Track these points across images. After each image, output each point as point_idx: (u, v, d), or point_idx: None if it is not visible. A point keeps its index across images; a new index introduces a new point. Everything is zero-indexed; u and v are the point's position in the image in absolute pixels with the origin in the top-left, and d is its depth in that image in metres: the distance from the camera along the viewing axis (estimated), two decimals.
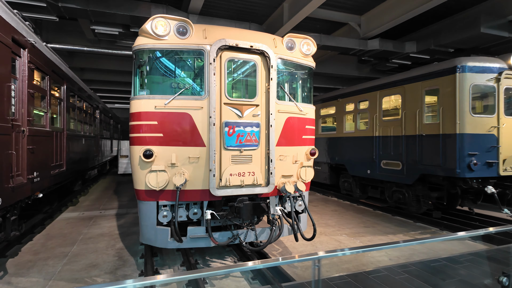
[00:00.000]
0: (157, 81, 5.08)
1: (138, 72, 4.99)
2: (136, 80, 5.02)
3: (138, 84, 5.00)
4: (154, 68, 5.04)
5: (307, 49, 5.69)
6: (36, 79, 5.62)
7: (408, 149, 8.27)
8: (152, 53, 4.94)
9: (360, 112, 10.34)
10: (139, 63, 4.98)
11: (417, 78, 8.09)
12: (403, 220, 9.25)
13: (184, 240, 4.94)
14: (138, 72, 4.99)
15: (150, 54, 4.94)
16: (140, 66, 4.97)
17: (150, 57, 4.96)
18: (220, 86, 4.94)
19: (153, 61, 4.99)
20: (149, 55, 4.95)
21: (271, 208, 5.43)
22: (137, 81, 5.01)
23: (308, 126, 5.83)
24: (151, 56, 4.96)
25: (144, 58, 4.95)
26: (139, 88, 5.00)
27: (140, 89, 5.00)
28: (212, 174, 4.80)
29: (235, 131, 5.00)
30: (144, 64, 4.97)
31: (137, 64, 4.99)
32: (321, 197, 13.08)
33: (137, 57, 4.99)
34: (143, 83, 5.00)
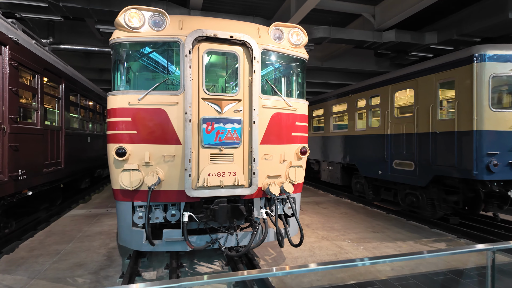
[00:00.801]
0: (133, 76, 4.86)
1: (114, 66, 4.79)
2: (113, 75, 4.83)
3: (115, 79, 4.81)
4: (129, 62, 4.83)
5: (297, 39, 5.24)
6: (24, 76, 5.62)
7: (421, 148, 7.54)
8: (126, 47, 4.72)
9: (371, 109, 9.66)
10: (115, 57, 4.78)
11: (431, 70, 7.34)
12: (417, 225, 8.50)
13: (159, 243, 4.69)
14: (115, 66, 4.79)
15: (124, 48, 4.73)
16: (116, 61, 4.77)
17: (125, 51, 4.75)
18: (198, 80, 4.63)
19: (128, 55, 4.78)
20: (124, 49, 4.74)
21: (255, 210, 5.06)
22: (114, 76, 4.82)
23: (298, 123, 5.38)
24: (126, 50, 4.75)
25: (119, 52, 4.75)
26: (115, 83, 4.81)
27: (117, 84, 4.80)
28: (188, 174, 4.51)
29: (214, 128, 4.67)
30: (120, 58, 4.77)
31: (114, 58, 4.80)
32: (334, 198, 12.46)
33: (113, 51, 4.80)
34: (120, 78, 4.80)
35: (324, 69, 16.13)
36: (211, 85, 5.25)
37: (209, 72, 5.06)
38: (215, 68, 5.20)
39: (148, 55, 4.82)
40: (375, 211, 10.23)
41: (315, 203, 11.59)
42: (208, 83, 5.07)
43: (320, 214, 9.77)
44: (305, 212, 10.02)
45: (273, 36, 5.09)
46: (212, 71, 5.20)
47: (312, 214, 9.76)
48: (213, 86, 5.26)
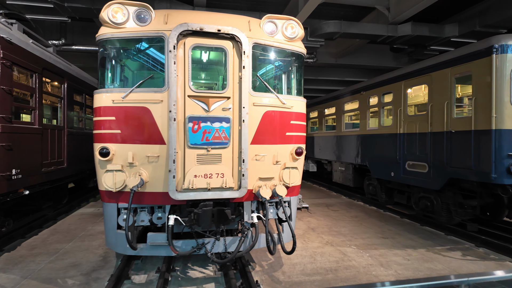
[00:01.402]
0: (118, 73, 4.71)
1: (100, 64, 4.66)
2: (99, 72, 4.69)
3: (100, 76, 4.67)
4: (114, 59, 4.67)
5: (292, 32, 4.90)
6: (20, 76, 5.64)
7: (436, 148, 6.97)
8: (111, 43, 4.57)
9: (384, 106, 9.10)
10: (101, 54, 4.65)
11: (446, 63, 6.76)
12: (432, 231, 7.90)
13: (143, 247, 4.52)
14: (100, 64, 4.66)
15: (109, 44, 4.58)
16: (102, 58, 4.63)
17: (110, 47, 4.60)
18: (184, 76, 4.41)
19: (113, 51, 4.62)
20: (109, 46, 4.59)
21: (246, 215, 4.78)
22: (99, 74, 4.69)
23: (294, 122, 5.04)
24: (111, 46, 4.59)
25: (104, 49, 4.61)
26: (100, 81, 4.67)
27: (102, 82, 4.66)
28: (172, 176, 4.29)
29: (201, 127, 4.43)
30: (105, 55, 4.63)
31: (99, 55, 4.67)
32: (346, 200, 11.94)
33: (99, 48, 4.66)
34: (105, 76, 4.66)
35: (338, 65, 15.55)
36: (198, 82, 5.01)
37: (196, 68, 4.82)
38: (203, 64, 4.95)
39: (133, 52, 4.65)
40: (388, 215, 9.67)
41: (325, 205, 11.14)
42: (195, 80, 4.83)
43: (328, 217, 9.34)
44: (313, 215, 9.62)
45: (266, 30, 4.78)
46: (200, 67, 4.96)
47: (320, 217, 9.35)
48: (201, 83, 5.01)
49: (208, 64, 4.99)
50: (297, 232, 7.85)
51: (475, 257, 6.22)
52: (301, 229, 8.12)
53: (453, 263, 5.93)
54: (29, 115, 6.21)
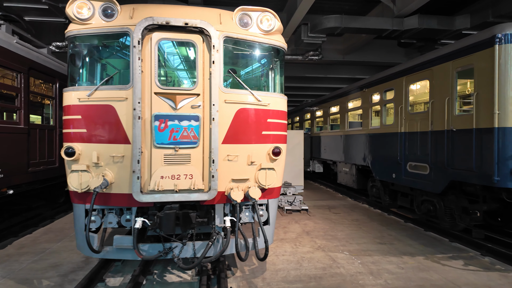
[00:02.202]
0: (85, 71, 4.58)
1: (68, 61, 4.55)
2: (68, 70, 4.58)
3: (68, 74, 4.56)
4: (81, 56, 4.54)
5: (268, 24, 4.61)
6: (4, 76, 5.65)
7: (437, 148, 6.47)
8: (78, 40, 4.45)
9: (385, 104, 8.60)
10: (69, 51, 4.54)
11: (447, 56, 6.24)
12: (436, 237, 7.36)
13: (109, 250, 4.36)
14: (69, 61, 4.54)
15: (76, 41, 4.46)
16: (70, 55, 4.52)
17: (77, 44, 4.48)
18: (150, 72, 4.22)
19: (80, 48, 4.50)
20: (76, 42, 4.47)
21: (217, 218, 4.53)
22: (68, 72, 4.58)
23: (271, 120, 4.75)
24: (78, 43, 4.47)
25: (72, 46, 4.49)
26: (69, 79, 4.56)
27: (71, 80, 4.55)
28: (136, 176, 4.11)
29: (168, 125, 4.23)
30: (73, 53, 4.51)
31: (68, 53, 4.55)
32: (351, 203, 11.44)
33: (68, 45, 4.55)
34: (73, 74, 4.55)
35: (346, 62, 15.03)
36: (167, 79, 4.81)
37: (164, 64, 4.62)
38: (172, 59, 4.75)
39: (101, 48, 4.50)
40: (392, 218, 9.15)
41: (328, 207, 10.73)
42: (163, 76, 4.63)
43: (327, 220, 8.95)
44: (312, 218, 9.25)
45: (239, 22, 4.52)
46: (169, 63, 4.76)
47: (318, 220, 8.97)
48: (169, 80, 4.81)
49: (177, 59, 4.79)
50: (289, 235, 7.53)
51: (478, 267, 5.69)
52: (295, 232, 7.79)
53: (451, 273, 5.44)
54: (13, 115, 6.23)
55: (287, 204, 10.16)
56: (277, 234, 7.62)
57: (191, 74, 4.58)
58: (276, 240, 7.18)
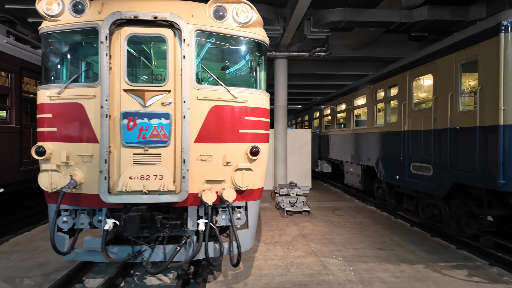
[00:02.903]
0: (57, 69, 4.49)
1: (42, 59, 4.49)
2: (42, 68, 4.52)
3: (42, 72, 4.49)
4: (53, 54, 4.46)
5: (245, 16, 4.35)
6: None
7: (440, 148, 5.97)
8: (50, 37, 4.37)
9: (390, 101, 8.10)
10: (42, 49, 4.47)
11: (451, 48, 5.72)
12: (442, 243, 6.83)
13: (79, 251, 4.26)
14: (42, 59, 4.48)
15: (48, 39, 4.38)
16: (43, 53, 4.45)
17: (49, 41, 4.40)
18: (120, 69, 4.07)
19: (52, 46, 4.41)
20: (48, 40, 4.39)
21: (190, 221, 4.32)
22: (43, 69, 4.51)
23: (249, 118, 4.49)
24: (49, 40, 4.39)
25: (44, 43, 4.42)
26: (42, 77, 4.49)
27: (45, 78, 4.48)
28: (103, 177, 3.97)
29: (137, 124, 4.06)
30: (45, 50, 4.44)
31: (42, 50, 4.49)
32: (358, 205, 10.94)
33: (42, 43, 4.49)
34: (45, 71, 4.47)
35: (356, 58, 14.44)
36: (137, 75, 4.65)
37: (135, 59, 4.46)
38: (143, 55, 4.59)
39: (72, 45, 4.40)
40: (398, 222, 8.63)
41: (332, 209, 10.31)
42: (133, 73, 4.47)
43: (328, 223, 8.56)
44: (313, 220, 8.90)
45: (213, 15, 4.29)
46: (139, 59, 4.60)
47: (319, 222, 8.61)
48: (140, 76, 4.65)
49: (148, 55, 4.62)
50: (284, 238, 7.24)
51: (483, 278, 5.19)
52: (291, 235, 7.48)
53: (451, 284, 4.97)
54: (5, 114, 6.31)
55: (289, 205, 9.84)
56: (272, 237, 7.34)
57: (162, 70, 4.39)
58: (269, 243, 6.91)
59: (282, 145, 13.29)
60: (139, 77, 4.61)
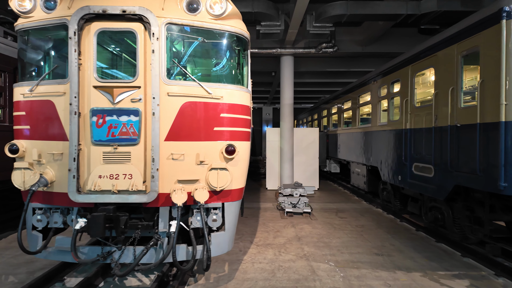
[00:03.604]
0: (31, 66, 4.45)
1: (18, 56, 4.47)
2: (18, 65, 4.50)
3: (20, 70, 4.47)
4: (28, 51, 4.42)
5: (219, 8, 4.14)
6: None
7: (441, 147, 5.53)
8: (24, 34, 4.33)
9: (392, 97, 7.65)
10: (18, 46, 4.45)
11: (451, 39, 5.27)
12: (446, 250, 6.35)
13: (51, 250, 4.20)
14: (18, 56, 4.46)
15: (23, 36, 4.34)
16: (19, 50, 4.43)
17: (23, 39, 4.37)
18: (90, 65, 3.98)
19: (26, 43, 4.38)
20: (23, 37, 4.36)
21: (161, 222, 4.17)
22: (19, 67, 4.49)
23: (226, 115, 4.28)
24: (23, 37, 4.36)
25: (19, 40, 4.40)
26: (20, 74, 4.47)
27: (21, 75, 4.46)
28: (72, 175, 3.89)
29: (106, 121, 3.96)
30: (21, 47, 4.41)
31: (17, 47, 4.47)
32: (365, 207, 10.47)
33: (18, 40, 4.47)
34: (22, 69, 4.45)
35: (365, 55, 13.91)
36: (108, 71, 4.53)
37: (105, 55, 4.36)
38: (115, 50, 4.47)
39: (44, 42, 4.35)
40: (403, 226, 8.16)
41: (336, 210, 9.92)
42: (104, 69, 4.37)
43: (328, 225, 8.22)
44: (313, 221, 8.58)
45: (186, 7, 4.11)
46: (111, 54, 4.48)
47: (318, 224, 8.28)
48: (110, 72, 4.54)
49: (120, 50, 4.50)
50: (278, 240, 6.98)
51: None
52: (286, 237, 7.21)
53: None
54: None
55: (290, 206, 9.55)
56: (266, 239, 7.10)
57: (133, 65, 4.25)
58: (261, 245, 6.67)
59: (288, 144, 12.99)
60: (110, 73, 4.50)
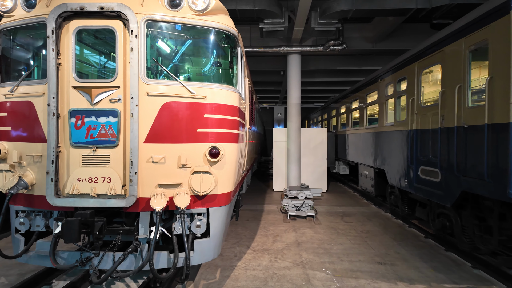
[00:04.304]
0: (13, 66, 4.37)
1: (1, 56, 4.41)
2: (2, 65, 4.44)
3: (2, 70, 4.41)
4: (10, 50, 4.35)
5: (202, 2, 3.93)
6: None
7: (448, 150, 5.12)
8: (6, 34, 4.26)
9: (399, 96, 7.23)
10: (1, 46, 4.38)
11: (459, 32, 4.86)
12: (455, 260, 5.91)
13: (31, 255, 4.11)
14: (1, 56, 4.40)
15: (5, 35, 4.27)
16: (1, 49, 4.36)
17: (4, 38, 4.30)
18: (68, 64, 3.86)
19: (6, 43, 4.31)
20: (5, 37, 4.28)
21: (141, 228, 4.00)
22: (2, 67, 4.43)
23: (210, 115, 4.07)
24: (6, 37, 4.29)
25: (2, 40, 4.33)
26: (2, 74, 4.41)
27: (5, 75, 4.40)
28: (50, 178, 3.78)
29: (85, 122, 3.83)
30: (3, 47, 4.34)
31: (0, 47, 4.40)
32: (373, 210, 10.02)
33: None
34: (4, 69, 4.38)
35: (376, 52, 13.39)
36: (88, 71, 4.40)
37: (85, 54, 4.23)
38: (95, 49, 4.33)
39: (25, 41, 4.26)
40: (411, 232, 7.71)
41: (342, 214, 9.54)
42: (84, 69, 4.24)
43: (331, 230, 7.88)
44: (316, 226, 8.26)
45: (167, 3, 3.93)
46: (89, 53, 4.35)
47: (321, 229, 7.96)
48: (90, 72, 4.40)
49: (100, 49, 4.36)
50: (276, 246, 6.71)
51: None
52: (285, 242, 6.94)
53: None
54: None
55: (294, 209, 9.26)
56: (264, 244, 6.85)
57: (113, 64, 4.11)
58: (258, 251, 6.42)
59: (295, 144, 12.68)
60: (89, 73, 4.38)
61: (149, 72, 3.96)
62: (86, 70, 4.32)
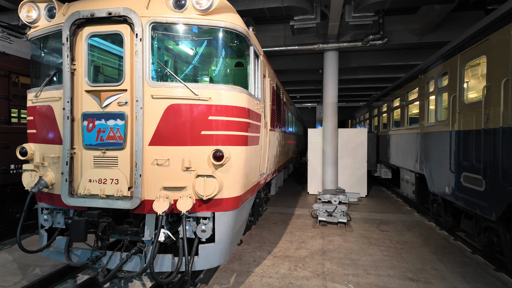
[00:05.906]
0: (38, 72, 4.67)
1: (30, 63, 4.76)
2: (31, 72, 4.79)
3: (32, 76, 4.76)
4: (38, 58, 4.65)
5: (206, 1, 3.83)
6: None
7: (494, 154, 4.39)
8: (34, 43, 4.58)
9: (441, 93, 6.44)
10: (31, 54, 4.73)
11: (506, 17, 4.12)
12: (507, 282, 5.06)
13: (52, 250, 4.36)
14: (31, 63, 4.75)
15: (33, 44, 4.60)
16: (31, 57, 4.70)
17: (33, 47, 4.62)
18: (82, 69, 4.02)
19: (34, 50, 4.62)
20: (33, 45, 4.61)
21: (147, 230, 4.01)
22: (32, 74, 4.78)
23: (215, 117, 3.95)
24: (33, 46, 4.61)
25: (31, 48, 4.67)
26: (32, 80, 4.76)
27: (33, 81, 4.74)
28: (64, 179, 3.96)
29: (95, 125, 3.96)
30: (32, 55, 4.68)
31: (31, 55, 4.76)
32: (415, 219, 9.11)
33: None
34: (34, 75, 4.72)
35: (423, 45, 12.25)
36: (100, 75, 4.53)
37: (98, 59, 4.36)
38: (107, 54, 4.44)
39: (49, 49, 4.53)
40: (457, 245, 6.83)
41: (379, 222, 8.84)
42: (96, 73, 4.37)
43: (363, 239, 7.32)
44: (347, 233, 7.75)
45: (172, 5, 3.90)
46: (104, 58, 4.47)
47: (352, 237, 7.43)
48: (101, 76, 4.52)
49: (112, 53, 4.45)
50: (299, 253, 6.39)
51: None
52: (310, 250, 6.58)
53: None
54: None
55: (325, 214, 8.80)
56: (286, 250, 6.57)
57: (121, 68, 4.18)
58: (279, 257, 6.17)
59: (331, 146, 12.12)
60: (101, 77, 4.52)
61: (154, 75, 3.96)
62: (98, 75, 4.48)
